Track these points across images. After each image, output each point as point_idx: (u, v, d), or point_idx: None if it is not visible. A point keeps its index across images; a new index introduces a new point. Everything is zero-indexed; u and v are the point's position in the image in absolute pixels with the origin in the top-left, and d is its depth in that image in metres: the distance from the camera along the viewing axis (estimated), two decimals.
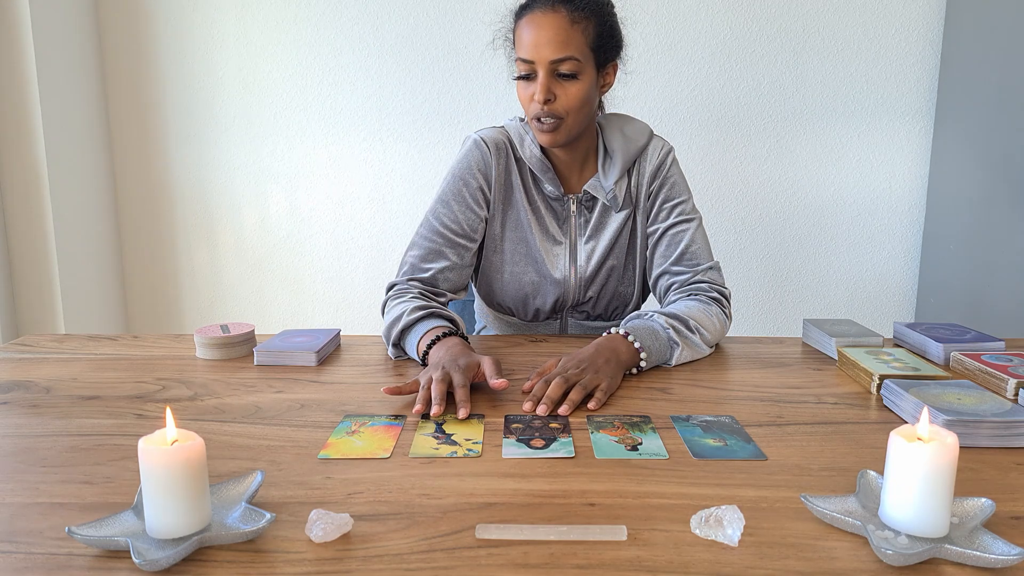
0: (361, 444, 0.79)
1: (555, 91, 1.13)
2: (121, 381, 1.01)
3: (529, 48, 1.12)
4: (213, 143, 2.33)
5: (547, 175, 1.24)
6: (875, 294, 2.36)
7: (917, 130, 2.24)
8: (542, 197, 1.26)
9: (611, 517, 0.63)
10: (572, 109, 1.14)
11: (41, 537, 0.60)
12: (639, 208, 1.27)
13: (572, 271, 1.27)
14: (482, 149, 1.24)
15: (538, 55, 1.11)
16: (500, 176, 1.25)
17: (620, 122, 1.28)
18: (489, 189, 1.25)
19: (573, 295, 1.29)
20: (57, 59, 2.08)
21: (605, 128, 1.27)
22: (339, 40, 2.25)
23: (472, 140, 1.25)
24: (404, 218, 2.36)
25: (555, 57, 1.10)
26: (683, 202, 1.26)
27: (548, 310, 1.31)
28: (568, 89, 1.13)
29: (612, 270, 1.29)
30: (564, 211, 1.27)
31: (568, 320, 1.34)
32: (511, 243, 1.27)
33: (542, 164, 1.23)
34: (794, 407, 0.91)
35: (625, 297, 1.32)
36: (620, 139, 1.25)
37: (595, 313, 1.33)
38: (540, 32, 1.11)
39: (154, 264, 2.43)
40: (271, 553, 0.57)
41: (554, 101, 1.13)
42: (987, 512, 0.61)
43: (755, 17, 2.20)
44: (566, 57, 1.11)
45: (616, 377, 0.97)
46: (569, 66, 1.11)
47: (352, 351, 1.17)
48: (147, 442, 0.57)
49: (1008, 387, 0.93)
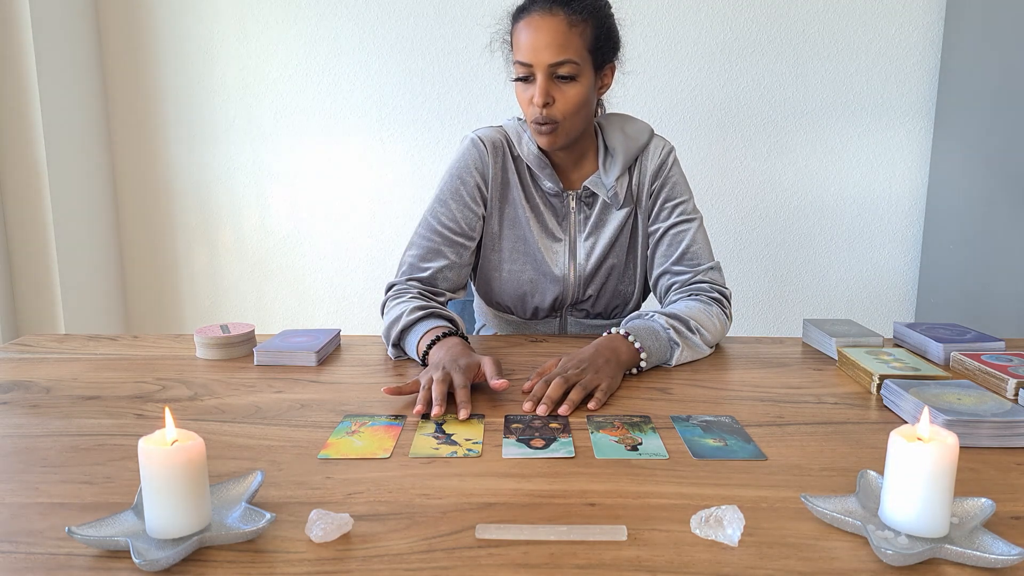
0: (361, 444, 0.79)
1: (553, 94, 1.13)
2: (121, 381, 1.01)
3: (527, 51, 1.11)
4: (213, 143, 2.33)
5: (545, 171, 1.24)
6: (875, 294, 2.36)
7: (917, 130, 2.24)
8: (541, 194, 1.26)
9: (611, 517, 0.63)
10: (569, 112, 1.14)
11: (41, 537, 0.60)
12: (640, 207, 1.27)
13: (572, 268, 1.27)
14: (479, 148, 1.24)
15: (536, 58, 1.11)
16: (497, 174, 1.25)
17: (620, 121, 1.28)
18: (486, 187, 1.25)
19: (573, 293, 1.29)
20: (57, 59, 2.08)
21: (605, 127, 1.27)
22: (339, 40, 2.25)
23: (469, 139, 1.26)
24: (404, 218, 2.36)
25: (553, 60, 1.10)
26: (684, 202, 1.26)
27: (547, 308, 1.31)
28: (566, 92, 1.13)
29: (612, 268, 1.29)
30: (563, 208, 1.27)
31: (568, 318, 1.34)
32: (509, 241, 1.27)
33: (540, 161, 1.23)
34: (794, 407, 0.91)
35: (625, 296, 1.32)
36: (621, 137, 1.25)
37: (595, 311, 1.33)
38: (538, 35, 1.10)
39: (154, 264, 2.43)
40: (271, 553, 0.57)
41: (552, 104, 1.13)
42: (987, 512, 0.61)
43: (755, 17, 2.20)
44: (564, 60, 1.11)
45: (616, 377, 0.97)
46: (567, 69, 1.11)
47: (352, 351, 1.17)
48: (147, 442, 0.57)
49: (1008, 387, 0.93)
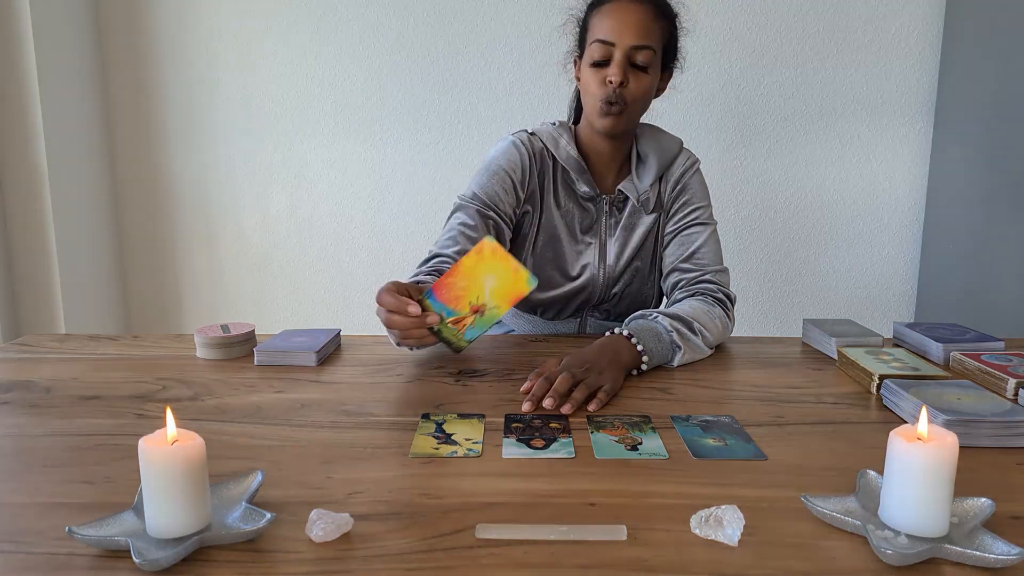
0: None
1: (628, 76, 1.15)
2: (121, 381, 1.01)
3: (612, 31, 1.14)
4: (213, 143, 2.33)
5: (583, 176, 1.26)
6: (875, 294, 2.36)
7: (917, 130, 2.24)
8: (574, 197, 1.28)
9: (611, 517, 0.63)
10: (638, 98, 1.18)
11: (41, 537, 0.60)
12: (664, 212, 1.31)
13: (601, 269, 1.29)
14: (520, 150, 1.26)
15: (620, 38, 1.14)
16: (536, 178, 1.27)
17: (654, 132, 1.33)
18: (522, 187, 1.26)
19: (599, 293, 1.31)
20: (57, 59, 2.08)
21: (639, 136, 1.31)
22: (339, 40, 2.25)
23: (509, 140, 1.28)
24: (404, 218, 2.36)
25: (636, 43, 1.14)
26: (701, 208, 1.29)
27: (572, 308, 1.32)
28: (640, 79, 1.17)
29: (637, 271, 1.31)
30: (597, 211, 1.29)
31: (588, 319, 1.35)
32: (539, 246, 1.29)
33: (579, 165, 1.25)
34: (794, 407, 0.91)
35: (646, 299, 1.34)
36: (655, 146, 1.29)
37: (615, 312, 1.34)
38: (627, 17, 1.14)
39: (154, 264, 2.43)
40: (271, 553, 0.57)
41: (626, 85, 1.16)
42: (987, 512, 0.61)
43: (755, 18, 2.20)
44: (646, 45, 1.14)
45: (618, 379, 0.97)
46: (645, 56, 1.15)
47: (352, 351, 1.17)
48: (147, 442, 0.57)
49: (1008, 387, 0.93)
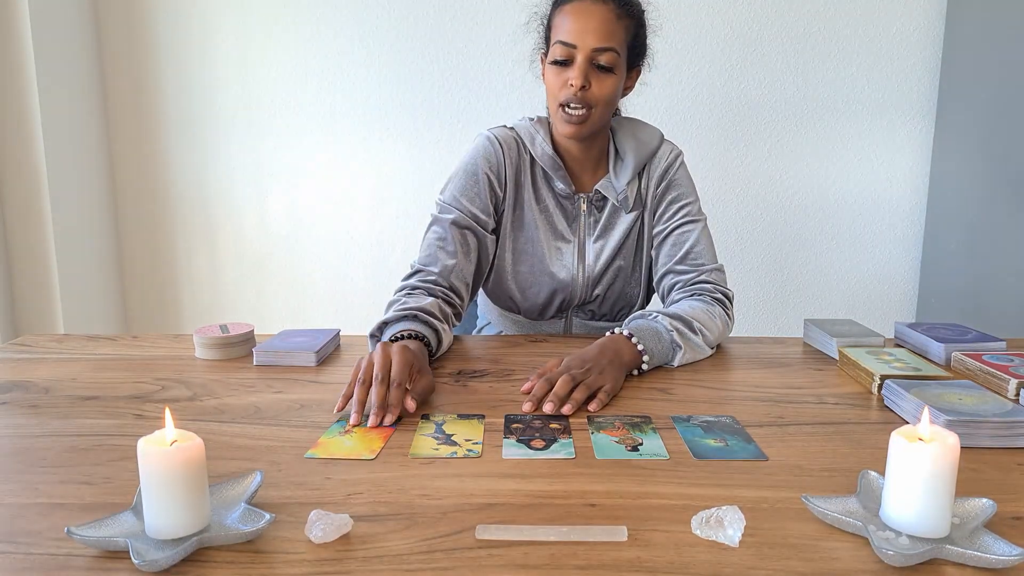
0: (350, 444, 0.78)
1: (591, 79, 1.14)
2: (120, 381, 1.01)
3: (573, 33, 1.12)
4: (213, 143, 2.33)
5: (558, 173, 1.24)
6: (876, 294, 2.36)
7: (918, 130, 2.24)
8: (552, 195, 1.27)
9: (611, 518, 0.63)
10: (602, 101, 1.15)
11: (41, 537, 0.60)
12: (647, 210, 1.28)
13: (580, 269, 1.27)
14: (493, 145, 1.24)
15: (582, 41, 1.12)
16: (510, 174, 1.25)
17: (632, 126, 1.29)
18: (500, 186, 1.25)
19: (580, 293, 1.29)
20: (57, 59, 2.08)
21: (617, 131, 1.28)
22: (338, 39, 2.25)
23: (483, 136, 1.26)
24: (404, 218, 2.36)
25: (598, 45, 1.12)
26: (689, 204, 1.27)
27: (554, 309, 1.31)
28: (603, 81, 1.14)
29: (620, 270, 1.29)
30: (574, 210, 1.27)
31: (573, 319, 1.34)
32: (518, 241, 1.28)
33: (554, 162, 1.24)
34: (795, 407, 0.91)
35: (631, 298, 1.33)
36: (632, 141, 1.26)
37: (600, 313, 1.33)
38: (588, 19, 1.12)
39: (153, 264, 2.43)
40: (271, 554, 0.57)
41: (588, 89, 1.14)
42: (988, 512, 0.60)
43: (756, 17, 2.20)
44: (608, 47, 1.12)
45: (619, 380, 0.97)
46: (608, 58, 1.13)
47: (352, 351, 1.16)
48: (146, 442, 0.57)
49: (1009, 387, 0.93)
